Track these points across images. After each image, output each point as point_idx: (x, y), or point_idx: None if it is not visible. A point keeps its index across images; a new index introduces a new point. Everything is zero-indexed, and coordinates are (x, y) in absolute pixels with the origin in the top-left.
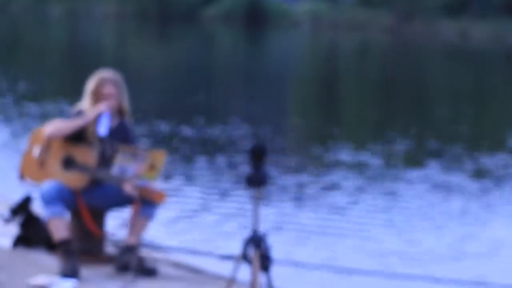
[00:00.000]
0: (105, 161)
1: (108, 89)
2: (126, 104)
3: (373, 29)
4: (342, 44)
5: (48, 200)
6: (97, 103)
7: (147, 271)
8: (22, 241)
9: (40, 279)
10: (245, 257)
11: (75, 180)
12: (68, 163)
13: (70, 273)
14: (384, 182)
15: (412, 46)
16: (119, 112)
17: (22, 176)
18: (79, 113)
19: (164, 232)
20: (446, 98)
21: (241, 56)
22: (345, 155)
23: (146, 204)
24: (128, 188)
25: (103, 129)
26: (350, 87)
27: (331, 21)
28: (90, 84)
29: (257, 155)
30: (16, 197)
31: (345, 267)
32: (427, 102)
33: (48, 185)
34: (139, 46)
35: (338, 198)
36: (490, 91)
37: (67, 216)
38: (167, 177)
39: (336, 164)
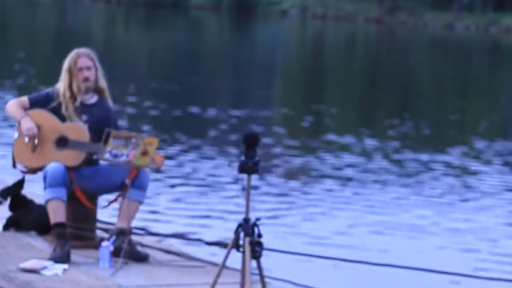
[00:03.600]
0: (96, 136)
1: (83, 62)
2: (103, 83)
3: (360, 20)
4: (329, 34)
5: (52, 183)
6: (72, 80)
7: (139, 256)
8: (12, 224)
9: (31, 263)
10: (236, 245)
11: (71, 158)
12: (62, 142)
13: (62, 259)
14: (370, 166)
15: (397, 37)
16: (96, 91)
17: (15, 165)
18: (48, 94)
19: (154, 218)
20: (430, 86)
21: (229, 43)
22: (332, 140)
23: (136, 188)
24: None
25: (103, 263)
26: (336, 74)
27: (318, 12)
28: (65, 62)
29: (250, 143)
30: (9, 180)
31: (336, 255)
32: (411, 89)
33: (53, 167)
34: (127, 32)
35: (328, 184)
36: (474, 80)
37: (65, 201)
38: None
39: (324, 150)
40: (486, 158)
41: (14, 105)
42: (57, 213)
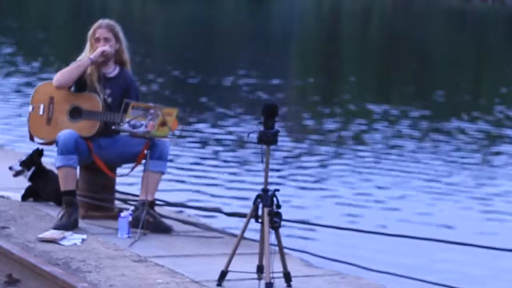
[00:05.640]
0: (110, 106)
1: (100, 33)
2: (125, 55)
3: None
4: (346, 5)
5: (64, 150)
6: (93, 49)
7: (163, 227)
8: (31, 194)
9: (50, 233)
10: (255, 215)
11: (86, 128)
12: (75, 113)
13: (66, 227)
14: (386, 135)
15: (414, 8)
16: (119, 62)
17: (32, 138)
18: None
19: (172, 188)
20: (446, 56)
21: (246, 16)
22: (348, 109)
23: (156, 159)
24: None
25: (122, 234)
26: (352, 47)
27: None
28: (89, 32)
29: (269, 114)
30: (26, 150)
31: (355, 226)
32: (427, 59)
33: (65, 134)
34: (143, 4)
35: (345, 154)
36: (490, 50)
37: (77, 169)
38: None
39: (341, 119)
40: (504, 124)
41: (65, 71)
42: (67, 181)
